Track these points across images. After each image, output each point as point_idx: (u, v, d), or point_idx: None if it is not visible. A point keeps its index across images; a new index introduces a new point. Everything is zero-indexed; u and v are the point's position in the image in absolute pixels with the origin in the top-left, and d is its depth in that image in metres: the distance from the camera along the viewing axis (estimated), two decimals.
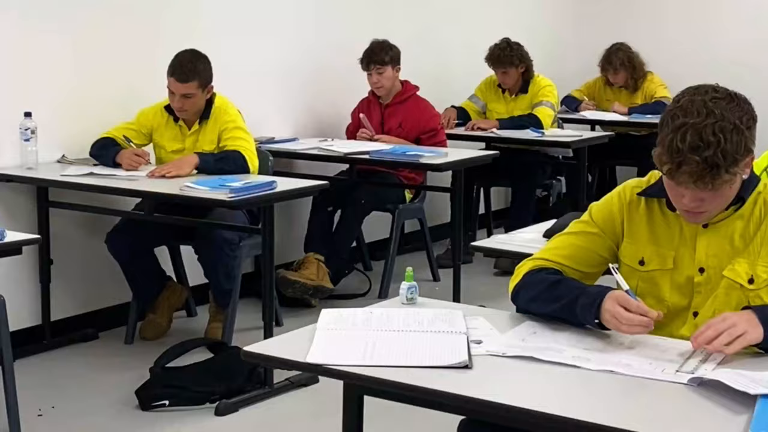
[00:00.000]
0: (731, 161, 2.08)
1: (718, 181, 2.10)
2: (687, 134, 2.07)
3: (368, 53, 5.47)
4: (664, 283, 2.33)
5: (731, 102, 2.12)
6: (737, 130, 2.08)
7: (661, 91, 6.84)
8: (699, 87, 2.17)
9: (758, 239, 2.24)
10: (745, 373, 1.96)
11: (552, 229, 3.20)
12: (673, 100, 2.18)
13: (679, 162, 2.09)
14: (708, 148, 2.06)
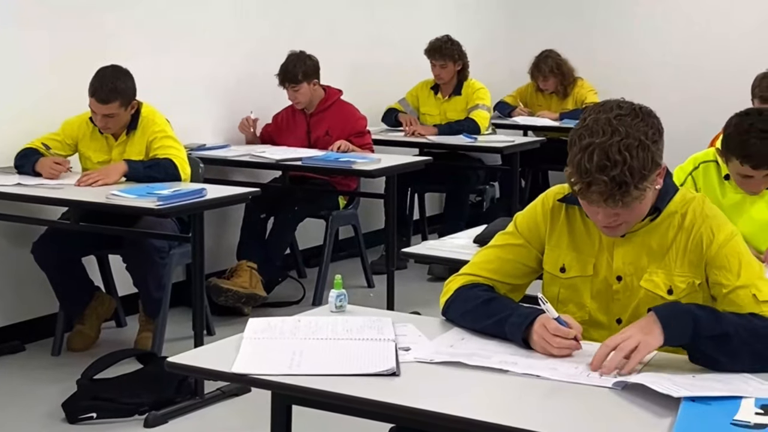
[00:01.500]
0: (639, 178, 2.09)
1: (628, 198, 2.11)
2: (594, 154, 2.07)
3: (282, 72, 5.40)
4: (584, 290, 2.35)
5: (636, 117, 2.12)
6: (643, 146, 2.09)
7: (591, 97, 6.92)
8: (604, 104, 2.17)
9: (674, 250, 2.26)
10: (669, 376, 1.98)
11: (483, 234, 3.22)
12: (580, 119, 2.18)
13: (589, 182, 2.09)
14: (615, 167, 2.06)
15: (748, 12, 7.06)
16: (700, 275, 2.25)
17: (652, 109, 2.19)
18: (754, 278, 2.18)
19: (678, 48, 7.31)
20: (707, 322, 2.05)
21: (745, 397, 1.85)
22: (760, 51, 6.66)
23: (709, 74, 7.14)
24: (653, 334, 2.04)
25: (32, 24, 4.65)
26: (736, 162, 3.06)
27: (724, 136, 3.11)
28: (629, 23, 7.48)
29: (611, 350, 2.04)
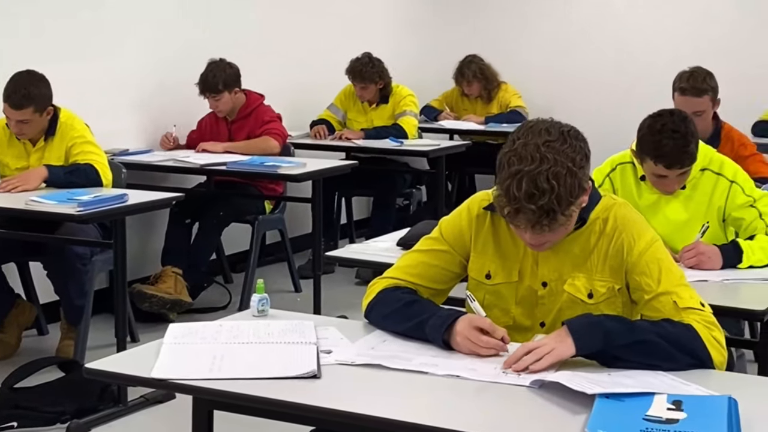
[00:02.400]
0: (566, 205, 2.12)
1: (555, 225, 2.15)
2: (522, 182, 2.09)
3: (202, 81, 5.34)
4: (509, 296, 2.38)
5: (564, 143, 2.14)
6: (570, 173, 2.11)
7: (515, 101, 7.01)
8: (533, 126, 2.18)
9: (596, 255, 2.30)
10: (585, 374, 2.01)
11: (406, 237, 3.23)
12: (510, 140, 2.19)
13: (517, 208, 2.12)
14: (543, 196, 2.09)
15: (675, 14, 7.19)
16: (621, 280, 2.29)
17: (579, 131, 2.21)
18: (675, 285, 2.22)
19: (600, 50, 7.42)
20: (619, 331, 2.09)
21: (657, 393, 1.88)
22: (684, 53, 6.79)
23: (632, 77, 7.27)
24: (566, 343, 2.08)
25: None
26: (651, 162, 3.11)
27: (638, 137, 3.16)
28: (553, 26, 7.57)
29: (527, 353, 2.08)
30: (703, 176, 3.21)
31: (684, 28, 7.12)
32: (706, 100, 4.09)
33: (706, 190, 3.21)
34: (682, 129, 3.05)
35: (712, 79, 4.20)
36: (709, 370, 2.10)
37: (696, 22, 7.10)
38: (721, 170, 3.22)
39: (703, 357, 2.09)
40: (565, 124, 2.22)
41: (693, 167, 3.15)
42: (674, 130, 3.04)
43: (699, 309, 2.18)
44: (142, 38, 5.51)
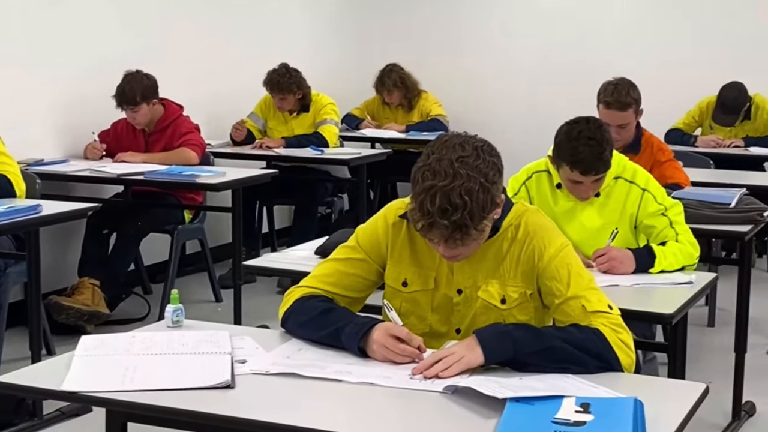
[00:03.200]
0: (479, 220, 2.15)
1: (468, 239, 2.18)
2: (436, 197, 2.12)
3: (118, 94, 5.26)
4: (425, 303, 2.40)
5: (477, 158, 2.17)
6: (483, 188, 2.14)
7: (435, 109, 7.07)
8: (448, 141, 2.20)
9: (508, 261, 2.34)
10: (497, 378, 2.04)
11: (324, 246, 3.23)
12: (424, 154, 2.21)
13: (430, 223, 2.14)
14: (456, 212, 2.11)
15: (597, 21, 7.31)
16: (532, 285, 2.33)
17: (493, 147, 2.24)
18: (584, 289, 2.27)
19: (521, 59, 7.52)
20: (527, 340, 2.13)
21: (566, 396, 1.92)
22: (607, 59, 6.93)
23: (552, 84, 7.38)
24: (475, 352, 2.11)
25: None
26: (567, 168, 3.16)
27: (554, 144, 3.22)
28: (474, 35, 7.65)
29: (437, 361, 2.10)
30: (617, 184, 3.28)
31: (606, 35, 7.24)
32: (630, 113, 4.19)
33: (619, 198, 3.28)
34: (598, 136, 3.11)
35: (635, 91, 4.31)
36: (618, 373, 2.14)
37: (618, 26, 7.23)
38: (634, 179, 3.29)
39: (611, 359, 2.14)
40: (479, 139, 2.25)
41: (607, 175, 3.22)
42: (590, 137, 3.10)
43: (607, 312, 2.22)
44: (57, 46, 5.42)
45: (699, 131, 6.51)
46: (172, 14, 6.19)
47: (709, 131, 6.45)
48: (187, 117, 5.52)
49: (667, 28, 7.07)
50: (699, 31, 6.97)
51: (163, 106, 5.45)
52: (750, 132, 6.34)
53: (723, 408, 3.96)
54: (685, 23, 7.01)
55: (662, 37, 7.08)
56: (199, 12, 6.41)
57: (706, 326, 5.16)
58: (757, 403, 4.05)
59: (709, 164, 5.64)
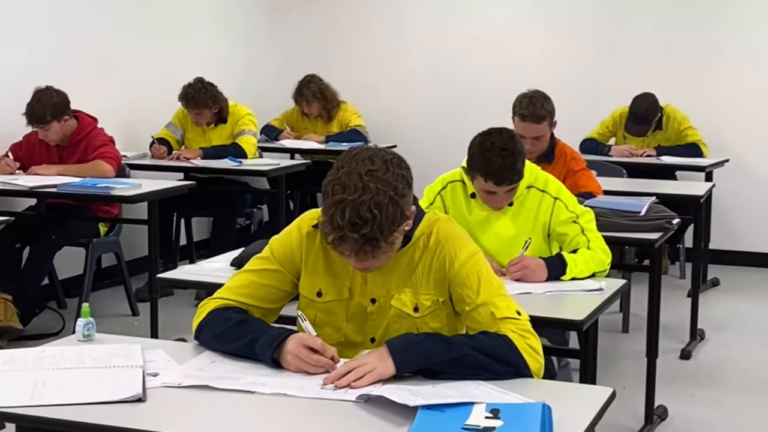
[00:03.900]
0: (389, 233, 2.17)
1: (378, 252, 2.19)
2: (346, 211, 2.13)
3: (28, 113, 5.13)
4: (340, 313, 2.41)
5: (387, 172, 2.18)
6: (393, 201, 2.16)
7: (355, 120, 7.10)
8: (357, 155, 2.21)
9: (420, 270, 2.36)
10: (408, 386, 2.06)
11: (239, 257, 3.22)
12: (334, 167, 2.22)
13: (341, 237, 2.16)
14: (365, 225, 2.13)
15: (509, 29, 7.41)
16: (444, 293, 2.36)
17: (403, 159, 2.26)
18: (493, 296, 2.30)
19: (439, 70, 7.58)
20: (438, 349, 2.15)
21: (477, 403, 1.94)
22: (514, 73, 7.03)
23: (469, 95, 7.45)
24: (386, 363, 2.13)
25: None
26: (481, 179, 3.20)
27: (468, 155, 3.25)
28: (392, 46, 7.69)
29: (349, 371, 2.11)
30: (530, 193, 3.33)
31: (519, 47, 7.35)
32: (545, 126, 4.26)
33: (532, 207, 3.33)
34: (510, 147, 3.16)
35: (549, 103, 4.39)
36: (528, 379, 2.18)
37: (531, 38, 7.33)
38: (546, 188, 3.35)
39: (519, 365, 2.17)
40: (388, 152, 2.27)
41: (520, 185, 3.27)
42: (503, 148, 3.15)
43: (515, 318, 2.26)
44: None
45: (613, 141, 6.64)
46: (84, 25, 6.10)
47: (622, 141, 6.58)
48: (101, 129, 5.44)
49: (580, 39, 7.18)
50: (612, 42, 7.11)
51: (77, 119, 5.36)
52: (662, 142, 6.49)
53: (636, 412, 4.04)
54: (597, 34, 7.14)
55: (575, 47, 7.20)
56: (112, 23, 6.32)
57: (620, 332, 5.27)
58: (669, 407, 4.14)
59: (622, 173, 5.76)
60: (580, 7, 7.18)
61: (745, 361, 4.85)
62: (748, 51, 6.78)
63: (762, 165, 6.82)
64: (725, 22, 6.82)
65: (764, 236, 6.84)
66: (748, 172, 6.82)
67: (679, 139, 6.47)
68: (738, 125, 6.82)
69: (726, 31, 6.81)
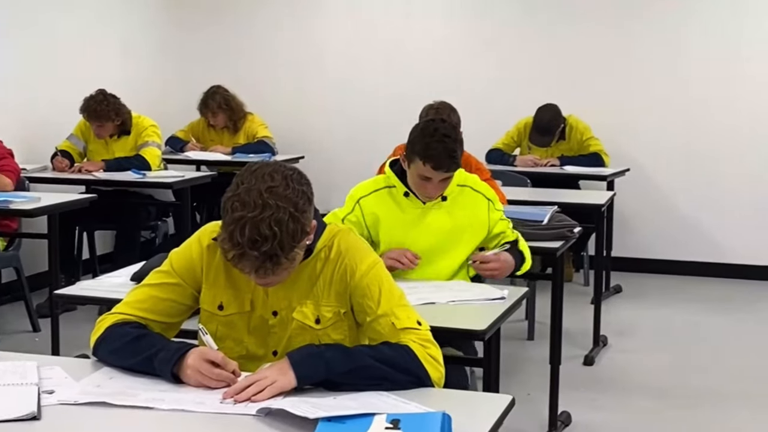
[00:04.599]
0: (289, 249, 2.16)
1: (279, 268, 2.18)
2: (245, 228, 2.11)
3: None
4: (242, 326, 2.39)
5: (287, 188, 2.17)
6: (293, 218, 2.15)
7: (262, 131, 7.07)
8: (257, 171, 2.20)
9: (321, 282, 2.36)
10: (310, 399, 2.05)
11: (140, 271, 3.16)
12: (234, 183, 2.20)
13: (240, 254, 2.14)
14: (266, 243, 2.11)
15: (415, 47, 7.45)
16: (345, 304, 2.36)
17: (303, 175, 2.25)
18: (394, 306, 2.30)
19: (347, 80, 7.59)
20: (339, 360, 2.14)
21: (377, 414, 1.94)
22: (423, 84, 7.08)
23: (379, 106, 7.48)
24: (287, 375, 2.11)
25: None
26: (419, 162, 3.28)
27: (409, 139, 3.34)
28: (297, 56, 7.67)
29: (249, 385, 2.09)
30: (463, 192, 3.44)
31: (429, 59, 7.40)
32: None
33: (466, 205, 3.43)
34: (453, 135, 3.28)
35: (455, 115, 4.44)
36: (430, 388, 2.18)
37: (439, 48, 7.39)
38: (477, 188, 3.48)
39: (421, 375, 2.18)
40: (288, 167, 2.26)
41: (452, 183, 3.38)
42: (445, 135, 3.26)
43: (416, 328, 2.27)
44: None
45: (518, 151, 6.74)
46: None
47: (527, 151, 6.68)
48: (0, 142, 5.31)
49: (487, 49, 7.27)
50: (517, 53, 7.21)
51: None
52: (565, 152, 6.61)
53: (540, 419, 4.09)
54: (502, 45, 7.23)
55: (482, 58, 7.28)
56: (9, 34, 6.18)
57: (526, 339, 5.33)
58: (572, 413, 4.20)
59: (526, 183, 5.85)
60: (488, 18, 7.26)
61: (646, 366, 4.96)
62: (646, 63, 6.94)
63: (661, 174, 7.00)
64: (625, 34, 6.97)
65: (664, 243, 7.01)
66: (648, 181, 6.99)
67: (582, 149, 6.60)
68: (638, 135, 6.98)
69: (626, 43, 6.97)
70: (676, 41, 6.87)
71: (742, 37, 6.75)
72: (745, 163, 6.81)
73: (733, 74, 6.78)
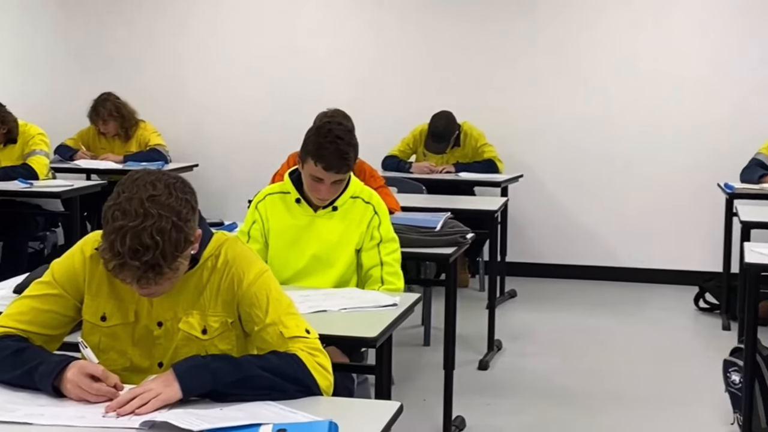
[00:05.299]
0: (172, 259, 2.12)
1: (162, 278, 2.14)
2: (126, 238, 2.07)
3: None
4: (126, 337, 2.34)
5: (170, 197, 2.13)
6: (176, 227, 2.11)
7: (154, 139, 6.96)
8: (138, 179, 2.16)
9: (208, 291, 2.32)
10: (195, 410, 2.01)
11: (23, 283, 3.08)
12: (115, 192, 2.15)
13: (122, 264, 2.09)
14: (147, 252, 2.08)
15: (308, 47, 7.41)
16: (233, 314, 2.32)
17: (187, 183, 2.22)
18: (282, 314, 2.28)
19: (242, 91, 7.52)
20: (225, 370, 2.11)
21: (264, 424, 1.92)
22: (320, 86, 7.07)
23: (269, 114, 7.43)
24: (172, 387, 2.07)
25: None
26: (311, 162, 3.29)
27: (304, 139, 3.36)
28: (188, 61, 7.58)
29: (133, 398, 2.05)
30: (355, 203, 3.45)
31: (323, 65, 7.38)
32: None
33: (356, 215, 3.44)
34: (346, 138, 3.31)
35: (348, 121, 4.44)
36: (319, 397, 2.17)
37: (335, 55, 7.37)
38: (370, 200, 3.48)
39: (309, 383, 2.16)
40: (172, 175, 2.22)
41: (345, 195, 3.40)
42: (339, 136, 3.29)
43: (304, 337, 2.25)
44: None
45: (414, 158, 6.77)
46: None
47: (422, 158, 6.72)
48: None
49: (383, 55, 7.29)
50: (411, 60, 7.24)
51: None
52: (460, 158, 6.66)
53: (435, 424, 4.11)
54: (396, 52, 7.26)
55: (378, 64, 7.30)
56: None
57: (422, 345, 5.36)
58: (467, 417, 4.23)
59: (422, 190, 5.89)
60: (382, 23, 7.28)
61: (540, 369, 5.02)
62: (539, 70, 7.05)
63: (554, 180, 7.12)
64: (516, 42, 7.07)
65: (557, 248, 7.13)
66: (542, 186, 7.10)
67: (477, 155, 6.67)
68: (531, 142, 7.09)
69: (519, 51, 7.07)
70: (568, 47, 7.00)
71: (636, 43, 6.90)
72: (635, 169, 6.97)
73: (625, 81, 6.93)
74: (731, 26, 6.79)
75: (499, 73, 7.11)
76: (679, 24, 6.86)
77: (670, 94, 6.87)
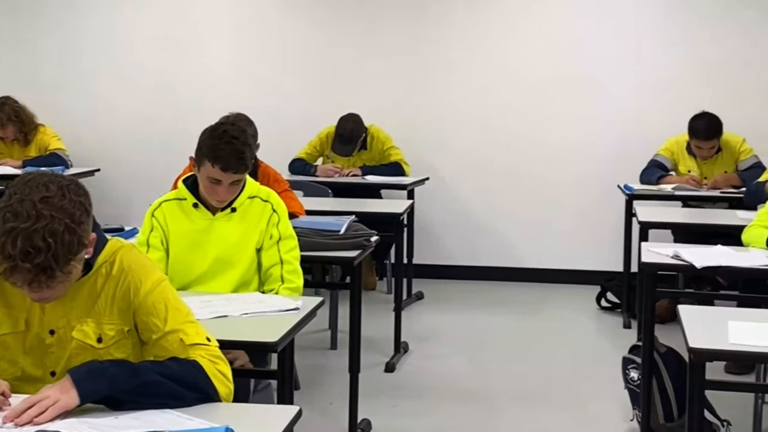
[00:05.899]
0: (65, 262, 2.08)
1: (54, 282, 2.10)
2: (18, 240, 2.03)
3: None
4: (16, 346, 2.29)
5: (63, 198, 2.10)
6: (69, 230, 2.08)
7: (54, 143, 6.82)
8: (31, 181, 2.12)
9: (103, 299, 2.29)
10: (90, 419, 1.99)
11: None
12: (7, 194, 2.11)
13: (12, 266, 2.05)
14: (39, 254, 2.04)
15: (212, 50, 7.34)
16: (129, 322, 2.29)
17: (81, 186, 2.18)
18: (181, 323, 2.26)
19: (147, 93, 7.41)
20: (123, 376, 2.08)
21: None
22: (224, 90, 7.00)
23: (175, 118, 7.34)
24: (69, 393, 2.04)
25: None
26: (208, 164, 3.29)
27: (199, 142, 3.34)
28: (100, 65, 7.44)
29: (30, 406, 2.01)
30: (253, 203, 3.45)
31: (223, 72, 7.32)
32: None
33: (254, 215, 3.44)
34: (242, 138, 3.31)
35: (251, 126, 4.43)
36: (217, 403, 2.16)
37: (236, 61, 7.33)
38: (269, 198, 3.49)
39: (209, 391, 2.15)
40: (66, 177, 2.19)
41: (242, 195, 3.40)
42: (234, 137, 3.29)
43: (205, 344, 2.24)
44: None
45: (321, 161, 6.76)
46: None
47: (328, 161, 6.72)
48: None
49: (289, 58, 7.26)
50: (320, 63, 7.23)
51: None
52: (367, 161, 6.68)
53: (342, 427, 4.11)
54: (305, 56, 7.24)
55: (284, 67, 7.26)
56: None
57: (329, 349, 5.35)
58: (372, 420, 4.24)
59: (327, 193, 5.89)
60: (289, 26, 7.25)
61: (447, 370, 5.06)
62: (445, 72, 7.11)
63: (459, 182, 7.18)
64: (426, 44, 7.12)
65: (463, 250, 7.20)
66: (448, 189, 7.16)
67: (383, 158, 6.69)
68: (437, 145, 7.14)
69: (427, 53, 7.11)
70: (474, 49, 7.07)
71: (532, 48, 7.01)
72: (539, 171, 7.07)
73: (524, 86, 7.03)
74: (625, 27, 6.94)
75: (405, 76, 7.14)
76: (574, 26, 6.98)
77: (571, 96, 6.99)
